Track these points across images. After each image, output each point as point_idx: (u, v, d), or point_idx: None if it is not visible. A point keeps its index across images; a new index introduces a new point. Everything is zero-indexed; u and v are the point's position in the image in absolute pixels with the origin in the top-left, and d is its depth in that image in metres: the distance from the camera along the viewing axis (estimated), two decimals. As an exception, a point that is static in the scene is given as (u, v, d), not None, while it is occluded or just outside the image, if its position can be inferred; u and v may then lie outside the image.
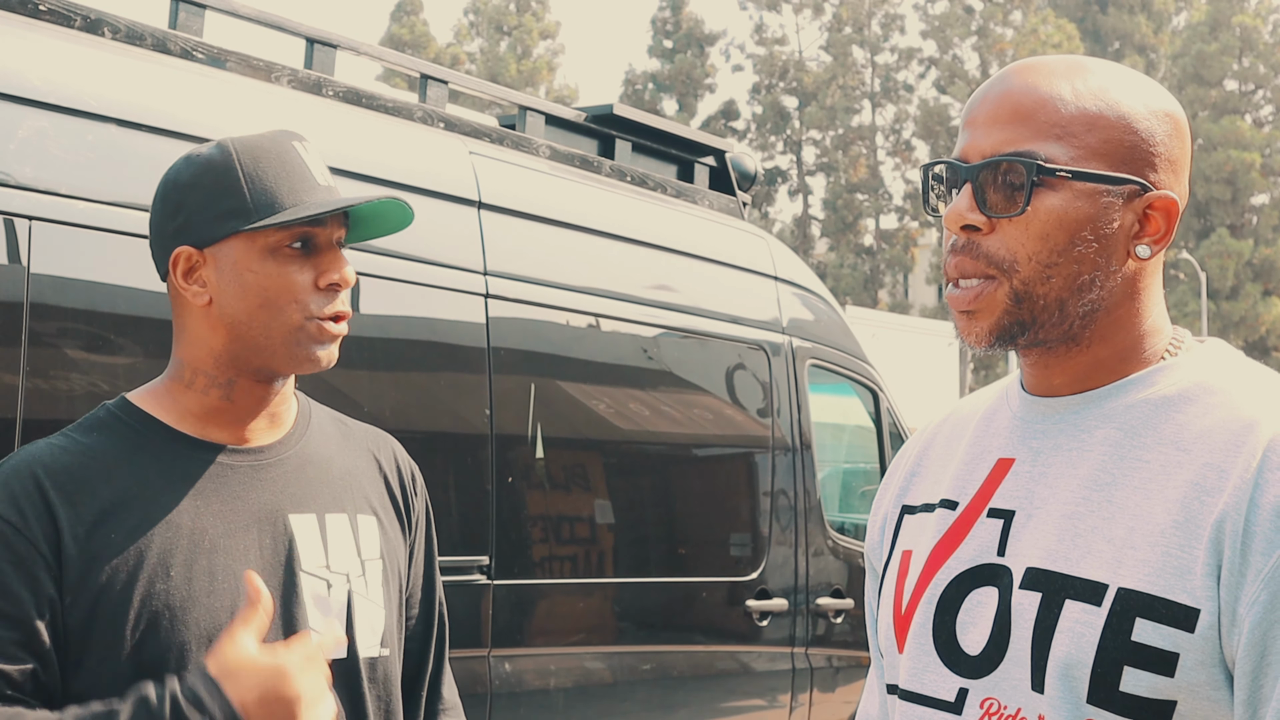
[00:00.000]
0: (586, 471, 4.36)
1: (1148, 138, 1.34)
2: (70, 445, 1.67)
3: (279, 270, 1.67)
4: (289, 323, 1.68)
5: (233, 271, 1.68)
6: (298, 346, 1.69)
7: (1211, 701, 1.23)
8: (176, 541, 1.64)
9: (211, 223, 1.67)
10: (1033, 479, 1.37)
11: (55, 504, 1.60)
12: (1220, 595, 1.22)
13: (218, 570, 1.65)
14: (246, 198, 1.66)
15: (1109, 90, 1.35)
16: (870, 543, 1.58)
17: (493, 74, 43.85)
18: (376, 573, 1.79)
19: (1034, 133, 1.33)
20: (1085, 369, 1.38)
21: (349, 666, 1.73)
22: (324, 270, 1.69)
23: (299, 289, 1.67)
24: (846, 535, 5.39)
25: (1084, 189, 1.32)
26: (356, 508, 1.80)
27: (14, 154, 2.90)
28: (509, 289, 4.01)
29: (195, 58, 3.47)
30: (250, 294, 1.67)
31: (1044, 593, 1.30)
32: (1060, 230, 1.32)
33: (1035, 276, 1.33)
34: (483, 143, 4.17)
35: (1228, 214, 43.82)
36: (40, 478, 1.61)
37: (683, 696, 4.57)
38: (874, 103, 47.75)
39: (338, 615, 1.73)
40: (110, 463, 1.66)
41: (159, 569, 1.61)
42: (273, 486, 1.73)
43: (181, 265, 1.69)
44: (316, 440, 1.81)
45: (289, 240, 1.68)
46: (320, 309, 1.69)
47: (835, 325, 5.56)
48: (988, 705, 1.33)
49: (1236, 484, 1.24)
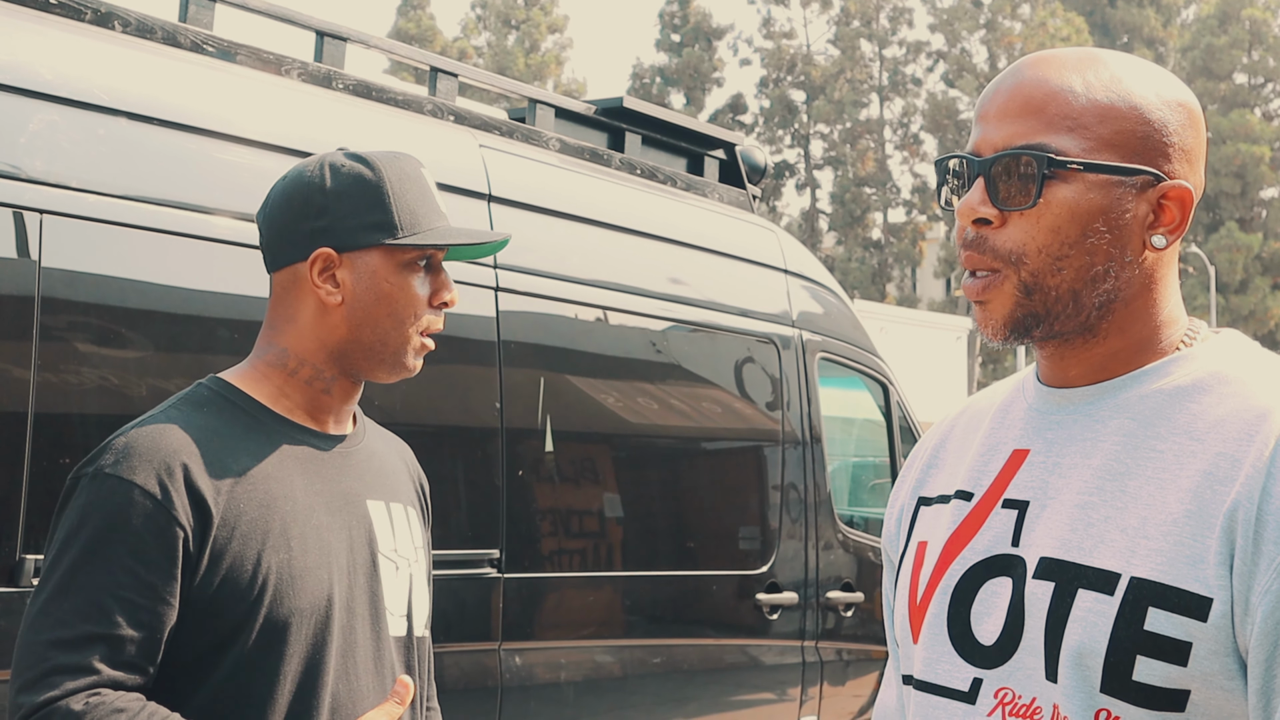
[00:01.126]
0: (596, 465, 4.36)
1: (1160, 128, 1.34)
2: (193, 422, 1.77)
3: (409, 284, 1.84)
4: (404, 333, 1.85)
5: (370, 279, 1.83)
6: (402, 355, 1.85)
7: (1225, 691, 1.23)
8: (294, 514, 1.77)
9: (358, 231, 1.83)
10: (1047, 469, 1.37)
11: (194, 476, 1.70)
12: (1233, 584, 1.22)
13: (324, 545, 1.79)
14: (394, 215, 1.83)
15: (1121, 81, 1.35)
16: (887, 534, 1.59)
17: (500, 68, 43.85)
18: (423, 561, 1.97)
19: (1045, 125, 1.33)
20: (1101, 360, 1.38)
21: (407, 644, 1.89)
22: (438, 289, 1.88)
23: (420, 303, 1.85)
24: (856, 529, 5.39)
25: (1096, 180, 1.32)
26: (407, 501, 1.97)
27: (25, 147, 2.90)
28: (519, 282, 4.01)
29: (206, 51, 3.47)
30: (383, 302, 1.83)
31: (1057, 582, 1.30)
32: (1072, 222, 1.32)
33: (1045, 269, 1.33)
34: (492, 136, 4.17)
35: (1237, 207, 43.73)
36: (175, 452, 1.71)
37: (693, 690, 4.58)
38: (882, 96, 47.69)
39: (403, 595, 1.89)
40: (231, 440, 1.77)
41: (281, 539, 1.74)
42: (353, 473, 1.88)
43: (320, 264, 1.83)
44: (373, 438, 1.98)
45: (419, 258, 1.85)
46: (430, 324, 1.87)
47: (845, 318, 5.55)
48: (1002, 695, 1.33)
49: (1249, 473, 1.24)
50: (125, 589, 1.64)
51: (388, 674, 1.83)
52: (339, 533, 1.81)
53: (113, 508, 1.66)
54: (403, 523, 1.92)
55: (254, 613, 1.70)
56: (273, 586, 1.71)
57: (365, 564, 1.83)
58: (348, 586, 1.80)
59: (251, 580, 1.70)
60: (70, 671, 1.60)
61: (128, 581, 1.64)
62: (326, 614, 1.76)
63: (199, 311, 3.24)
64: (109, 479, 1.67)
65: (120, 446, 1.71)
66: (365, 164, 1.85)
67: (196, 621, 1.69)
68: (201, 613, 1.69)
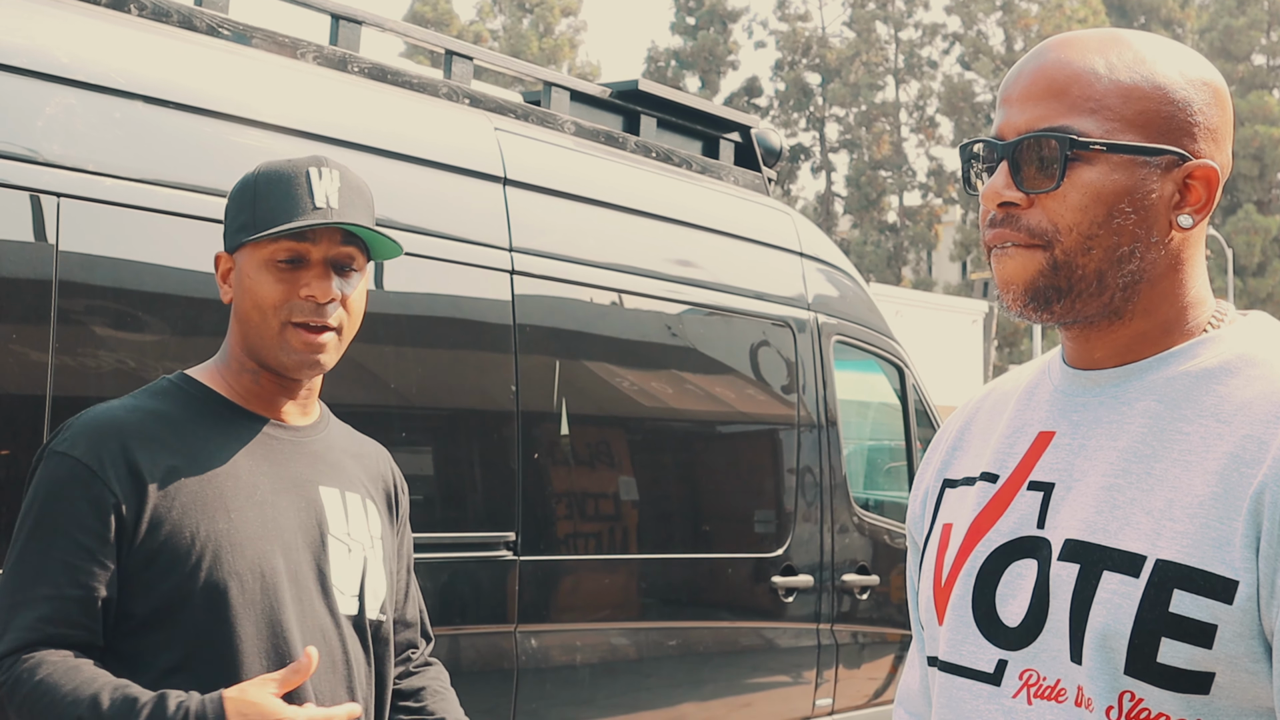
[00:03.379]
0: (612, 448, 4.36)
1: (1185, 107, 1.34)
2: (142, 406, 1.97)
3: (267, 280, 1.95)
4: (271, 327, 1.95)
5: (240, 277, 1.99)
6: (280, 350, 1.96)
7: (1250, 673, 1.23)
8: (236, 489, 1.93)
9: (233, 233, 2.00)
10: (1073, 451, 1.37)
11: (132, 449, 1.89)
12: (1259, 567, 1.22)
13: (267, 519, 1.94)
14: (252, 214, 1.97)
15: (1144, 61, 1.34)
16: (912, 516, 1.58)
17: (515, 51, 43.78)
18: (379, 550, 2.08)
19: (1068, 108, 1.33)
20: (1127, 342, 1.37)
21: (359, 623, 2.02)
22: (304, 284, 1.95)
23: (278, 297, 1.95)
24: (872, 512, 5.38)
25: (1120, 161, 1.32)
26: (365, 493, 2.09)
27: (42, 131, 2.90)
28: (534, 265, 4.01)
29: (221, 34, 3.47)
30: (247, 297, 1.97)
31: (1082, 564, 1.30)
32: (1098, 203, 1.32)
33: (1076, 248, 1.33)
34: (508, 119, 4.17)
35: (1255, 189, 43.51)
36: (116, 429, 1.90)
37: (708, 672, 4.58)
38: (898, 79, 47.51)
39: (354, 577, 2.01)
40: (178, 423, 1.96)
41: (220, 510, 1.90)
42: (306, 460, 2.02)
43: (220, 266, 2.03)
44: (336, 433, 2.12)
45: (280, 255, 1.95)
46: (298, 316, 1.95)
47: (861, 301, 5.54)
48: (1027, 676, 1.33)
49: (1276, 455, 1.24)
50: (68, 554, 1.84)
51: (338, 646, 1.97)
52: (285, 510, 1.96)
53: (56, 481, 1.88)
54: (358, 511, 2.05)
55: (194, 576, 1.86)
56: (211, 552, 1.87)
57: (314, 542, 1.97)
58: (294, 560, 1.94)
59: (190, 546, 1.87)
60: (20, 629, 1.83)
61: (68, 546, 1.84)
62: (273, 581, 1.91)
63: (215, 294, 3.24)
64: (55, 455, 1.90)
65: (70, 426, 1.93)
66: (255, 169, 2.01)
67: (144, 584, 1.86)
68: (146, 575, 1.86)
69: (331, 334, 1.97)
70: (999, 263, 1.37)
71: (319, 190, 1.96)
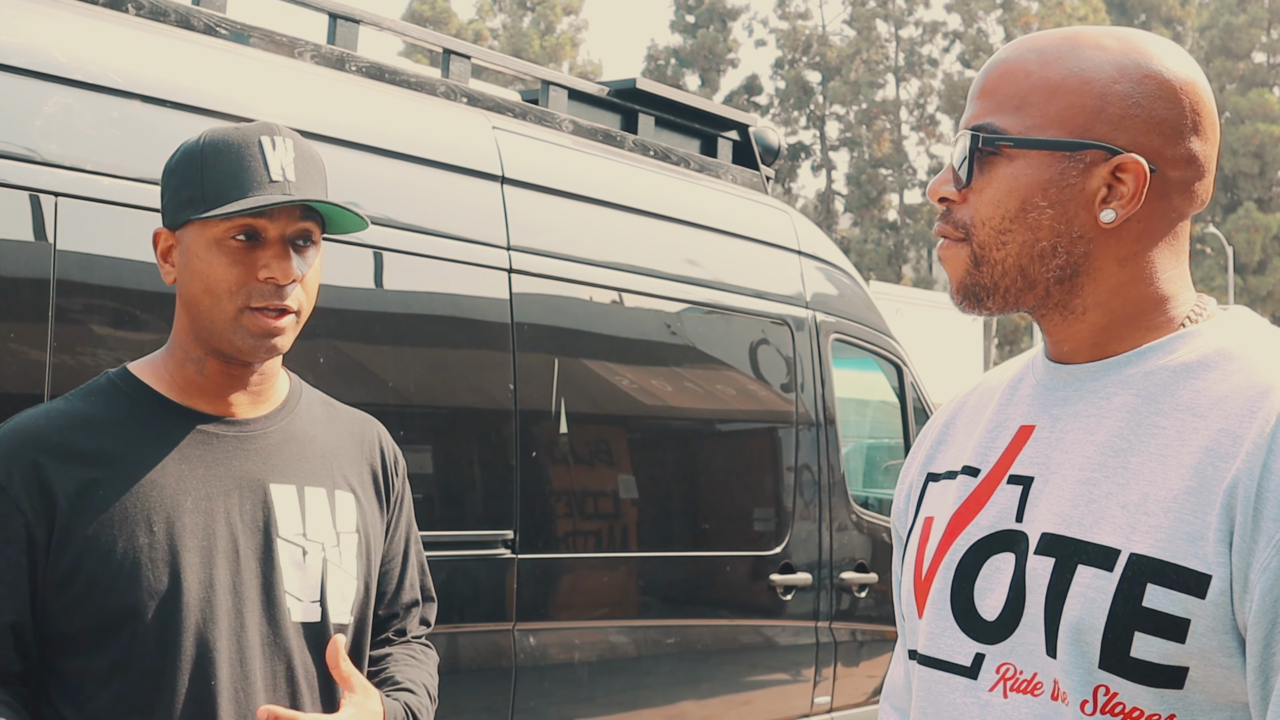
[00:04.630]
0: (610, 446, 4.37)
1: (1116, 100, 1.33)
2: (66, 409, 1.82)
3: (220, 261, 1.78)
4: (225, 312, 1.78)
5: (187, 256, 1.81)
6: (235, 335, 1.79)
7: (1223, 668, 1.23)
8: (160, 500, 1.77)
9: (177, 208, 1.81)
10: (1051, 445, 1.38)
11: (44, 464, 1.75)
12: (1232, 561, 1.22)
13: (198, 528, 1.79)
14: (200, 188, 1.78)
15: (1080, 58, 1.35)
16: (896, 510, 1.59)
17: (515, 50, 43.78)
18: (351, 546, 1.91)
19: (997, 105, 1.37)
20: (1090, 336, 1.38)
21: (320, 630, 1.86)
22: (263, 264, 1.78)
23: (234, 280, 1.78)
24: (870, 510, 5.39)
25: (1037, 156, 1.34)
26: (335, 484, 1.92)
27: (40, 130, 2.91)
28: (532, 264, 4.02)
29: (219, 34, 3.48)
30: (196, 280, 1.80)
31: (1058, 558, 1.30)
32: (1010, 197, 1.35)
33: (990, 241, 1.37)
34: (506, 118, 4.17)
35: (1255, 187, 43.49)
36: (31, 441, 1.76)
37: (706, 670, 4.59)
38: (898, 77, 47.50)
39: (313, 580, 1.86)
40: (101, 426, 1.80)
41: (142, 524, 1.76)
42: (255, 457, 1.86)
43: (161, 244, 1.86)
44: (303, 419, 1.93)
45: (233, 232, 1.78)
46: (257, 300, 1.78)
47: (859, 299, 5.54)
48: (1003, 670, 1.34)
49: (1250, 449, 1.24)
50: None
51: (281, 660, 1.82)
52: (222, 516, 1.80)
53: None
54: (320, 506, 1.89)
55: (111, 597, 1.73)
56: (128, 571, 1.74)
57: (255, 548, 1.82)
58: (232, 570, 1.80)
59: (104, 565, 1.73)
60: None
61: None
62: (206, 597, 1.77)
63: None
64: None
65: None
66: (198, 138, 1.82)
67: (64, 607, 1.74)
68: (65, 598, 1.74)
69: (291, 316, 1.81)
70: (939, 255, 1.42)
71: (274, 161, 1.79)
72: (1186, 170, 1.36)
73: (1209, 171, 1.38)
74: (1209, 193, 1.40)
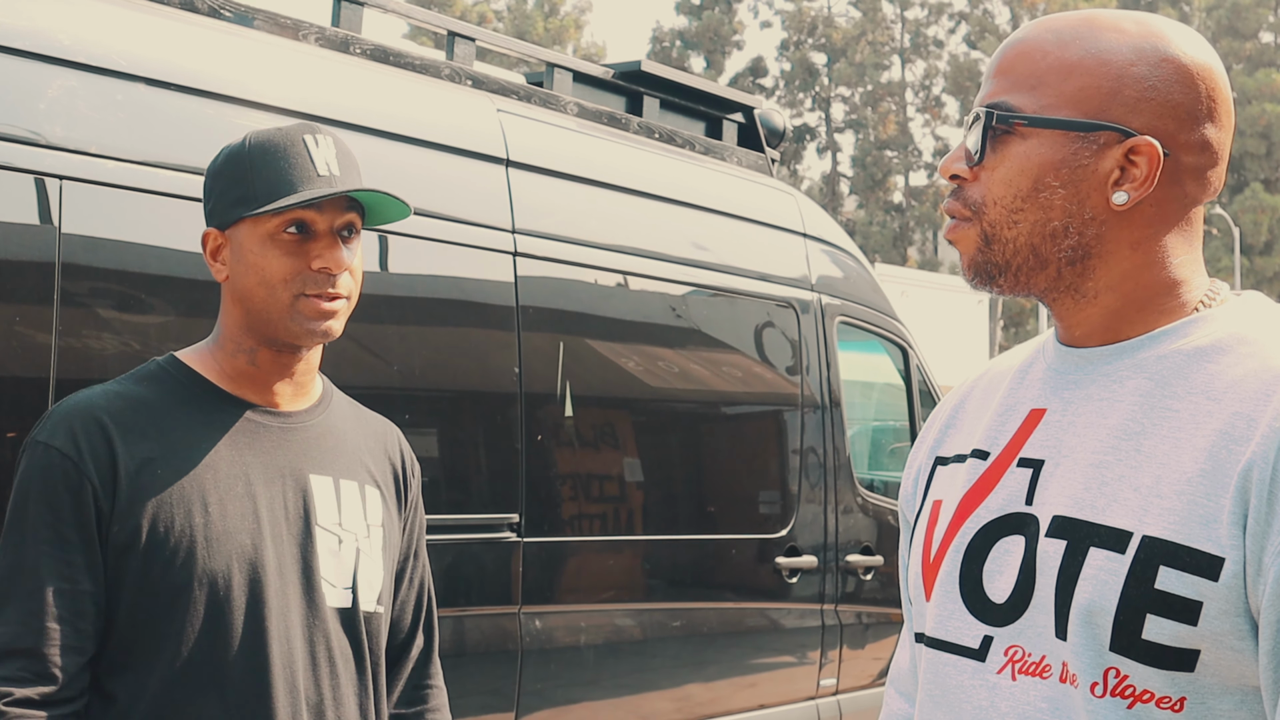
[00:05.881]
0: (616, 429, 4.37)
1: (1133, 83, 1.33)
2: (125, 392, 1.91)
3: (274, 254, 1.89)
4: (281, 301, 1.89)
5: (240, 252, 1.91)
6: (292, 321, 1.89)
7: (1235, 651, 1.23)
8: (215, 482, 1.87)
9: (227, 209, 1.92)
10: (1063, 428, 1.37)
11: (112, 439, 1.84)
12: (1246, 544, 1.22)
13: (248, 512, 1.89)
14: (251, 187, 1.88)
15: (1098, 39, 1.35)
16: (904, 494, 1.59)
17: (519, 32, 43.68)
18: (378, 539, 2.02)
19: (1012, 84, 1.37)
20: (1103, 319, 1.38)
21: (351, 615, 1.96)
22: (315, 255, 1.89)
23: (289, 271, 1.88)
24: (876, 492, 5.39)
25: (1051, 136, 1.34)
26: (365, 480, 2.03)
27: (44, 113, 2.91)
28: (537, 247, 4.01)
29: (223, 16, 3.47)
30: (251, 274, 1.90)
31: (1069, 540, 1.30)
32: (1022, 176, 1.35)
33: (1001, 220, 1.37)
34: (510, 100, 4.17)
35: (1262, 168, 43.38)
36: (100, 417, 1.85)
37: (712, 653, 4.60)
38: (903, 59, 47.38)
39: (346, 568, 1.96)
40: (160, 410, 1.90)
41: (198, 503, 1.85)
42: (297, 448, 1.97)
43: (210, 244, 1.95)
44: (336, 416, 2.05)
45: (285, 226, 1.89)
46: (311, 288, 1.89)
47: (864, 282, 5.54)
48: (1012, 652, 1.33)
49: (1265, 432, 1.23)
50: (54, 548, 1.79)
51: (320, 642, 1.92)
52: (269, 501, 1.90)
53: (36, 472, 1.83)
54: (353, 499, 1.99)
55: (168, 573, 1.82)
56: (185, 548, 1.83)
57: (298, 533, 1.92)
58: (277, 553, 1.89)
59: (164, 541, 1.82)
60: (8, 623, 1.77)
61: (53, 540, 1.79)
62: (256, 576, 1.86)
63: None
64: (37, 446, 1.84)
65: (52, 415, 1.88)
66: (243, 141, 1.92)
67: (117, 579, 1.82)
68: (119, 570, 1.82)
69: (343, 301, 1.92)
70: (950, 234, 1.41)
71: (319, 157, 1.90)
72: (1200, 156, 1.35)
73: (1222, 159, 1.38)
74: (1222, 180, 1.40)
